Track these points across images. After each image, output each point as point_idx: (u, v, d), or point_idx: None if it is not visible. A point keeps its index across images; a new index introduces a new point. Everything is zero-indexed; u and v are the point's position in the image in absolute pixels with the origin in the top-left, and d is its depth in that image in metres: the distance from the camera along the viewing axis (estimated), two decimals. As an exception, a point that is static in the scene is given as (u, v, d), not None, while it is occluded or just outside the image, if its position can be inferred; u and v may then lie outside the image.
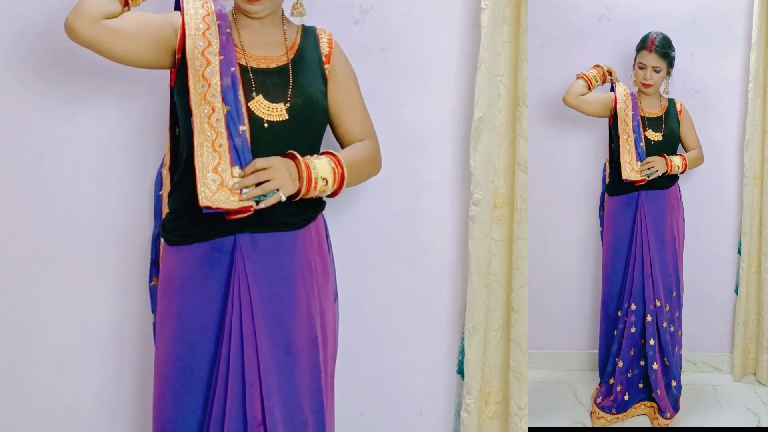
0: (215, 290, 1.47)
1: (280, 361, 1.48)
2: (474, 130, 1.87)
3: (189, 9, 1.49)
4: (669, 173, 2.44)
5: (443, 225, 1.99)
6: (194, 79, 1.43)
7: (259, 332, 1.46)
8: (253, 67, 1.50)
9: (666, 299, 2.48)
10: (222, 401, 1.45)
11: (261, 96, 1.48)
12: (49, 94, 1.84)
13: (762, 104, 2.75)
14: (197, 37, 1.46)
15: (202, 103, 1.42)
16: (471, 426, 1.94)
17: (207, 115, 1.42)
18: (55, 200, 1.87)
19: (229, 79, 1.44)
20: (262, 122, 1.47)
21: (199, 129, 1.42)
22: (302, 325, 1.51)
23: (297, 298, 1.51)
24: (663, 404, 2.48)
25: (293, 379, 1.49)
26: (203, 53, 1.45)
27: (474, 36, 1.91)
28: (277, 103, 1.49)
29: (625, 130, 2.44)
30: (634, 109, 2.47)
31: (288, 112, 1.49)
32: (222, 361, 1.45)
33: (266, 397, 1.45)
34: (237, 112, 1.44)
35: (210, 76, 1.43)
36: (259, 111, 1.47)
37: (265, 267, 1.48)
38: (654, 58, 2.43)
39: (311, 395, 1.53)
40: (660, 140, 2.48)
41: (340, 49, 1.65)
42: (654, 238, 2.46)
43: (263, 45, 1.55)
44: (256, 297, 1.46)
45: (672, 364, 2.48)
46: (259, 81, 1.49)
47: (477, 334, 1.92)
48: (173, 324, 1.49)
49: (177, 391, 1.48)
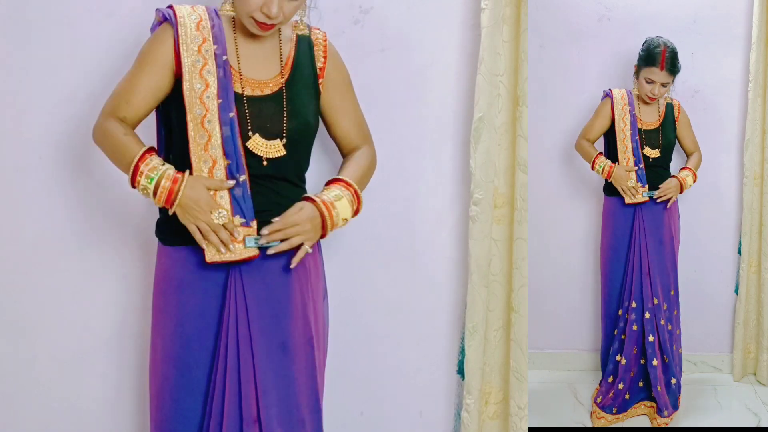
0: (213, 290, 1.48)
1: (276, 360, 1.48)
2: (474, 130, 1.87)
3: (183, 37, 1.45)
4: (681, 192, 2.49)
5: (443, 225, 1.99)
6: (194, 127, 1.44)
7: (254, 331, 1.46)
8: (248, 95, 1.49)
9: (664, 298, 2.49)
10: (220, 399, 1.46)
11: (258, 135, 1.48)
12: (49, 93, 1.84)
13: (762, 104, 2.75)
14: (195, 77, 1.44)
15: (203, 154, 1.44)
16: (471, 426, 1.94)
17: (209, 167, 1.44)
18: (55, 200, 1.87)
19: (228, 129, 1.44)
20: (261, 160, 1.48)
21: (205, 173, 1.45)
22: (298, 324, 1.52)
23: (293, 297, 1.51)
24: (662, 401, 2.48)
25: (290, 377, 1.50)
26: (201, 99, 1.44)
27: (474, 36, 1.91)
28: (273, 139, 1.49)
29: (624, 153, 2.46)
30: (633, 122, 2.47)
31: (285, 147, 1.50)
32: (220, 359, 1.46)
33: (262, 395, 1.46)
34: (237, 164, 1.44)
35: (210, 127, 1.43)
36: (258, 150, 1.48)
37: (260, 266, 1.48)
38: (665, 75, 2.39)
39: (309, 394, 1.54)
40: (658, 156, 2.48)
41: (334, 52, 1.62)
42: (652, 237, 2.47)
43: (260, 62, 1.52)
44: (251, 296, 1.47)
45: (671, 362, 2.48)
46: (254, 114, 1.48)
47: (477, 334, 1.92)
48: (171, 323, 1.50)
49: (175, 390, 1.49)
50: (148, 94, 1.49)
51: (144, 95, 1.48)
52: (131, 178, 1.44)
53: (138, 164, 1.43)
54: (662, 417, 2.50)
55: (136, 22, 1.81)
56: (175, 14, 1.47)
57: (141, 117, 1.51)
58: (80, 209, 1.88)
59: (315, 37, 1.60)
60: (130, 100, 1.48)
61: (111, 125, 1.49)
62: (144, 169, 1.42)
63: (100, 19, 1.82)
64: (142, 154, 1.44)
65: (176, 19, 1.46)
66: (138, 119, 1.51)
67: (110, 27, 1.82)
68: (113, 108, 1.50)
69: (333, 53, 1.62)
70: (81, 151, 1.86)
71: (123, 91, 1.50)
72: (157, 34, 1.50)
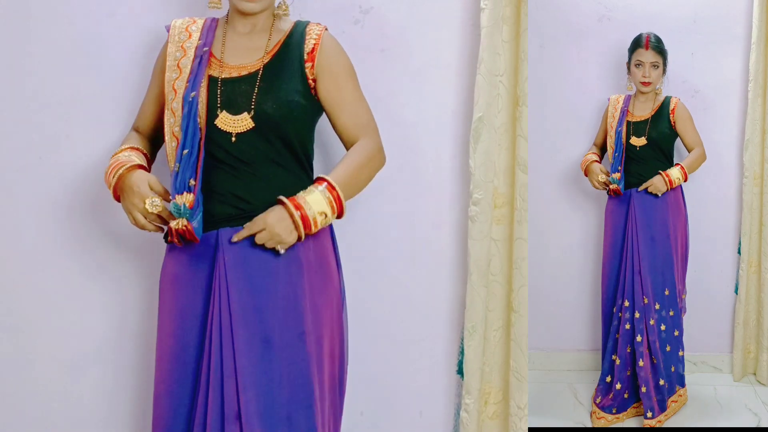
0: (201, 284, 1.50)
1: (257, 354, 1.47)
2: (474, 130, 1.87)
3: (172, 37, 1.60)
4: (671, 189, 2.47)
5: (443, 225, 1.99)
6: (167, 112, 1.55)
7: (236, 325, 1.46)
8: (225, 77, 1.53)
9: (655, 297, 2.47)
10: (204, 395, 1.46)
11: (225, 111, 1.51)
12: (49, 94, 1.84)
13: (762, 104, 2.75)
14: (172, 68, 1.56)
15: (171, 137, 1.54)
16: (471, 426, 1.94)
17: (173, 147, 1.53)
18: (55, 200, 1.87)
19: (188, 106, 1.50)
20: (230, 137, 1.50)
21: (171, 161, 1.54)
22: (286, 319, 1.50)
23: (278, 290, 1.50)
24: (647, 403, 2.46)
25: (271, 372, 1.47)
26: (173, 85, 1.54)
27: (474, 36, 1.91)
28: (239, 114, 1.51)
29: (611, 144, 2.54)
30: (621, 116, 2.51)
31: (253, 119, 1.50)
32: (204, 354, 1.47)
33: (242, 390, 1.44)
34: (188, 139, 1.49)
35: (176, 107, 1.53)
36: (226, 126, 1.50)
37: (245, 259, 1.48)
38: (651, 54, 2.46)
39: (294, 390, 1.50)
40: (644, 144, 2.49)
41: (332, 43, 1.61)
42: (643, 235, 2.47)
43: (245, 51, 1.57)
44: (234, 289, 1.47)
45: (659, 363, 2.47)
46: (226, 93, 1.52)
47: (477, 334, 1.92)
48: (167, 319, 1.54)
49: (170, 385, 1.51)
50: (151, 102, 1.66)
51: (149, 103, 1.67)
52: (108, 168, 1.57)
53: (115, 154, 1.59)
54: (647, 419, 2.48)
55: (136, 22, 1.82)
56: (171, 26, 1.63)
57: (149, 124, 1.67)
58: (80, 209, 1.88)
59: (310, 27, 1.61)
60: (141, 110, 1.70)
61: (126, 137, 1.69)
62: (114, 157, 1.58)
63: (100, 19, 1.83)
64: (122, 149, 1.60)
65: (170, 30, 1.62)
66: (147, 126, 1.68)
67: (110, 27, 1.83)
68: (134, 122, 1.71)
69: (329, 43, 1.60)
70: (81, 151, 1.86)
71: (141, 105, 1.71)
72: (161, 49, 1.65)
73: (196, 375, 1.49)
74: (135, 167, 1.53)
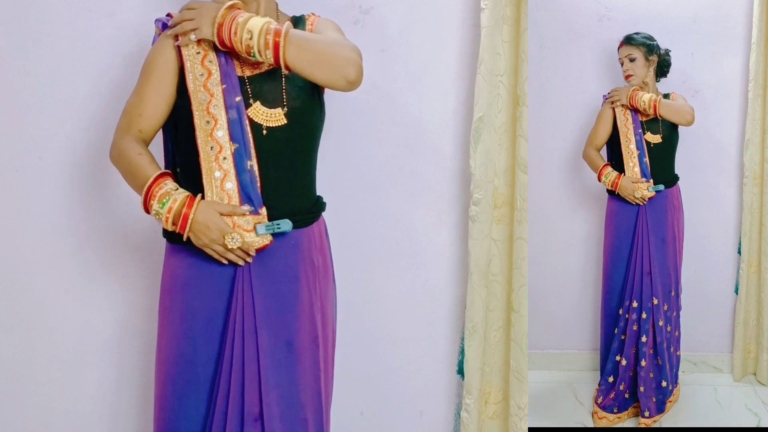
0: (222, 288, 1.48)
1: (281, 358, 1.48)
2: (474, 130, 1.87)
3: None
4: (633, 106, 2.43)
5: (443, 225, 1.99)
6: (199, 114, 1.43)
7: (260, 328, 1.46)
8: (249, 76, 1.50)
9: (664, 298, 2.48)
10: (224, 396, 1.46)
11: (258, 102, 1.47)
12: (50, 93, 1.84)
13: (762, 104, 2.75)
14: (196, 66, 1.45)
15: (209, 140, 1.43)
16: (471, 426, 1.94)
17: (216, 153, 1.42)
18: (55, 200, 1.87)
19: (234, 112, 1.43)
20: (261, 129, 1.47)
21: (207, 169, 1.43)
22: (304, 323, 1.52)
23: (300, 295, 1.51)
24: (645, 403, 2.46)
25: (294, 376, 1.49)
26: (205, 86, 1.44)
27: (474, 36, 1.91)
28: (275, 108, 1.48)
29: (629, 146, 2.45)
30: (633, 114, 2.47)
31: (286, 116, 1.48)
32: (225, 357, 1.46)
33: (265, 392, 1.45)
34: (245, 148, 1.43)
35: (215, 112, 1.43)
36: (258, 117, 1.47)
37: (269, 264, 1.48)
38: (626, 48, 2.47)
39: (312, 394, 1.53)
40: (660, 142, 2.48)
41: (325, 20, 1.60)
42: (654, 236, 2.47)
43: None
44: (258, 293, 1.47)
45: (664, 364, 2.47)
46: (255, 88, 1.49)
47: (477, 334, 1.92)
48: (178, 322, 1.50)
49: (180, 388, 1.49)
50: (159, 102, 1.49)
51: (155, 104, 1.49)
52: (144, 201, 1.43)
53: (151, 187, 1.42)
54: (644, 418, 2.48)
55: (136, 22, 1.82)
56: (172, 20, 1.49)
57: (156, 127, 1.51)
58: (80, 209, 1.88)
59: (307, 17, 1.61)
60: (143, 112, 1.48)
61: (126, 144, 1.48)
62: (157, 192, 1.41)
63: (100, 19, 1.83)
64: (155, 178, 1.43)
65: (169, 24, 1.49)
66: (153, 129, 1.51)
67: (110, 27, 1.83)
68: (127, 124, 1.50)
69: (321, 20, 1.60)
70: (81, 151, 1.86)
71: (133, 105, 1.50)
72: (158, 43, 1.51)
73: (211, 376, 1.48)
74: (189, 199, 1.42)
